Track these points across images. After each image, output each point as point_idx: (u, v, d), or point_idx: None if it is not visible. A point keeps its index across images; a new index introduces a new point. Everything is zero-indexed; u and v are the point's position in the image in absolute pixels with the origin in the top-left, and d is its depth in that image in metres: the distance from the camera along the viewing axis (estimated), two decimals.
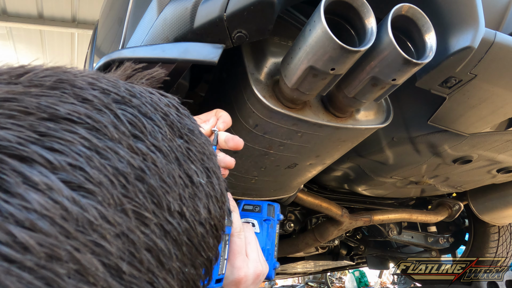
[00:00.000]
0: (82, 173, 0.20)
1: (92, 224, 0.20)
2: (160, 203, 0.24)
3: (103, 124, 0.23)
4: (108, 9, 1.34)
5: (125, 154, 0.23)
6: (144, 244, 0.22)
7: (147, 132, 0.26)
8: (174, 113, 0.30)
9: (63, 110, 0.22)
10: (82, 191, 0.20)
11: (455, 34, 0.78)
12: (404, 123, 1.19)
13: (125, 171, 0.23)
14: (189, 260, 0.26)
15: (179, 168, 0.27)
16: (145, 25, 0.81)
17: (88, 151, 0.21)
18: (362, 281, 7.15)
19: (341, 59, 0.67)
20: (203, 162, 0.30)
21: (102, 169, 0.21)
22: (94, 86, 0.25)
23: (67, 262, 0.18)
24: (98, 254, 0.19)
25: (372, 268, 3.11)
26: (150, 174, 0.24)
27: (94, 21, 5.11)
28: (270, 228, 0.67)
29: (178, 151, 0.27)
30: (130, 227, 0.22)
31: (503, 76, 0.86)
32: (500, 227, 2.25)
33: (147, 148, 0.25)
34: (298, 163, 1.10)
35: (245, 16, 0.68)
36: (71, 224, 0.19)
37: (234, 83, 0.91)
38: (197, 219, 0.27)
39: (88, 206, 0.20)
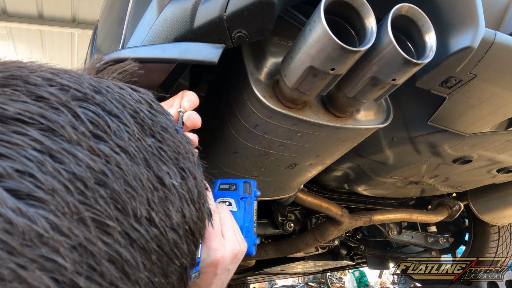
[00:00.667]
0: (31, 180, 0.19)
1: (42, 237, 0.18)
2: (125, 209, 0.22)
3: (59, 125, 0.21)
4: (108, 9, 1.34)
5: (84, 156, 0.21)
6: (105, 255, 0.20)
7: (111, 132, 0.23)
8: (145, 110, 0.28)
9: (12, 109, 0.20)
10: (32, 200, 0.18)
11: (455, 34, 0.78)
12: (404, 123, 1.19)
13: (83, 176, 0.21)
14: (159, 269, 0.24)
15: (147, 170, 0.25)
16: (145, 25, 0.81)
17: (40, 155, 0.19)
18: (362, 281, 7.15)
19: (341, 59, 0.67)
20: (178, 162, 0.28)
21: (55, 174, 0.19)
22: (52, 82, 0.23)
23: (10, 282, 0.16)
24: (49, 270, 0.17)
25: (372, 268, 3.11)
26: (113, 178, 0.22)
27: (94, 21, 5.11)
28: (247, 206, 0.67)
29: (148, 151, 0.25)
30: (89, 237, 0.20)
31: (503, 76, 0.86)
32: (500, 227, 2.25)
33: (110, 149, 0.23)
34: (298, 163, 1.10)
35: (245, 16, 0.68)
36: (16, 238, 0.17)
37: (234, 83, 0.91)
38: (168, 224, 0.25)
39: (37, 216, 0.18)
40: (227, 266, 0.53)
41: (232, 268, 0.55)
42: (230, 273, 0.55)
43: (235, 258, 0.55)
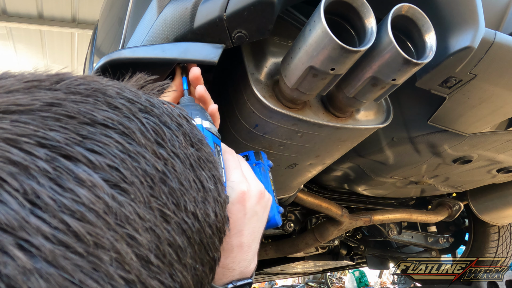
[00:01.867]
0: (117, 173, 0.23)
1: (128, 218, 0.22)
2: (179, 203, 0.26)
3: (132, 130, 0.26)
4: (108, 9, 1.34)
5: (151, 158, 0.26)
6: (166, 239, 0.24)
7: (167, 140, 0.28)
8: (185, 124, 0.33)
9: (99, 116, 0.25)
10: (118, 189, 0.23)
11: (455, 34, 0.78)
12: (404, 123, 1.19)
13: (152, 173, 0.25)
14: (199, 258, 0.28)
15: (193, 173, 0.29)
16: (145, 25, 0.81)
17: (122, 154, 0.24)
18: (362, 281, 7.16)
19: (341, 59, 0.67)
20: (211, 170, 0.33)
21: (133, 170, 0.24)
22: (121, 95, 0.28)
23: (109, 250, 0.20)
24: (132, 245, 0.22)
25: (372, 268, 3.11)
26: (171, 177, 0.26)
27: (94, 21, 5.11)
28: (262, 172, 0.66)
29: (192, 158, 0.30)
30: (156, 223, 0.24)
31: (503, 76, 0.86)
32: (500, 227, 2.25)
33: (167, 154, 0.27)
34: (298, 163, 1.10)
35: (245, 16, 0.68)
36: (111, 217, 0.21)
37: (234, 83, 0.91)
38: (207, 220, 0.29)
39: (124, 202, 0.22)
40: (254, 206, 0.51)
41: (260, 212, 0.52)
42: (259, 219, 0.52)
43: (261, 197, 0.52)
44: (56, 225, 0.19)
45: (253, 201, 0.51)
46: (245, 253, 0.49)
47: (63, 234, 0.19)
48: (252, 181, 0.53)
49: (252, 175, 0.54)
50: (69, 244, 0.19)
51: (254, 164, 0.66)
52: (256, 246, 0.51)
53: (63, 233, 0.19)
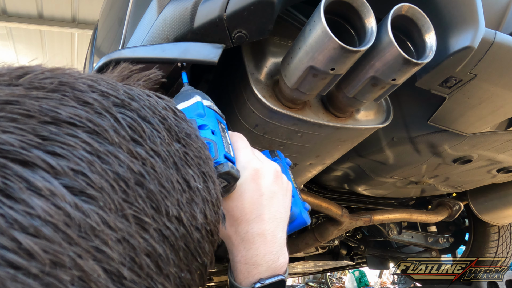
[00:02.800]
0: (84, 178, 0.20)
1: (94, 229, 0.20)
2: (159, 208, 0.24)
3: (103, 128, 0.23)
4: (108, 9, 1.34)
5: (125, 158, 0.23)
6: (144, 249, 0.22)
7: (146, 137, 0.25)
8: (171, 117, 0.30)
9: (64, 113, 0.22)
10: (84, 196, 0.20)
11: (455, 34, 0.78)
12: (404, 123, 1.19)
13: (126, 176, 0.22)
14: (185, 265, 0.26)
15: (177, 173, 0.27)
16: (145, 25, 0.81)
17: (90, 156, 0.21)
18: (362, 281, 7.15)
19: (341, 59, 0.67)
20: (200, 166, 0.30)
21: (103, 174, 0.21)
22: (94, 89, 0.25)
23: (70, 268, 0.18)
24: (100, 260, 0.19)
25: (372, 268, 3.11)
26: (149, 179, 0.24)
27: (94, 21, 5.11)
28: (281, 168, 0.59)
29: (176, 155, 0.27)
30: (131, 232, 0.21)
31: (503, 76, 0.86)
32: (500, 227, 2.25)
33: (146, 152, 0.25)
34: (298, 163, 1.10)
35: (245, 16, 0.68)
36: (74, 230, 0.19)
37: (234, 83, 0.91)
38: (193, 224, 0.27)
39: (90, 211, 0.20)
40: (270, 185, 0.45)
41: (279, 192, 0.46)
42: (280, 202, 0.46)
43: (277, 176, 0.47)
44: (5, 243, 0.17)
45: (269, 180, 0.46)
46: (270, 244, 0.43)
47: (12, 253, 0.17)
48: (265, 161, 0.48)
49: (265, 157, 0.49)
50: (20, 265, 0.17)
51: None
52: (282, 236, 0.45)
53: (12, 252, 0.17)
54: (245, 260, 0.43)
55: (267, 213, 0.44)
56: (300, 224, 0.55)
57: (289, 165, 0.65)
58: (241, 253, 0.43)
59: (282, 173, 0.51)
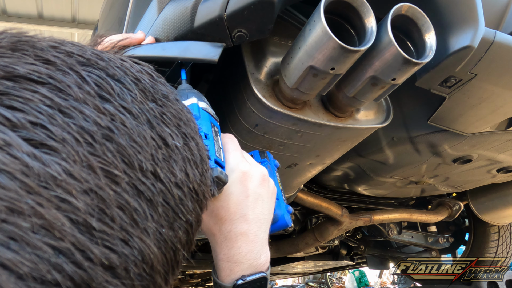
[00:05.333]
0: (43, 131, 0.20)
1: (56, 179, 0.19)
2: (131, 162, 0.23)
3: (66, 84, 0.22)
4: (108, 9, 1.34)
5: (91, 113, 0.22)
6: (115, 201, 0.21)
7: (115, 94, 0.25)
8: (147, 79, 0.29)
9: (22, 70, 0.21)
10: (45, 148, 0.19)
11: (455, 33, 0.78)
12: (404, 123, 1.19)
13: (91, 129, 0.22)
14: (166, 221, 0.25)
15: (151, 129, 0.26)
16: (145, 25, 0.81)
17: (50, 110, 0.21)
18: (362, 281, 7.16)
19: (341, 58, 0.67)
20: (179, 127, 0.29)
21: (65, 126, 0.21)
22: (58, 49, 0.25)
23: (30, 216, 0.17)
24: (64, 209, 0.19)
25: (372, 268, 3.11)
26: (118, 134, 0.23)
27: (94, 21, 5.11)
28: (268, 170, 0.61)
29: (150, 114, 0.27)
30: (99, 184, 0.21)
31: (503, 76, 0.86)
32: (500, 227, 2.25)
33: (115, 109, 0.24)
34: (298, 162, 1.10)
35: (245, 16, 0.68)
36: (33, 179, 0.18)
37: (234, 83, 0.91)
38: (173, 180, 0.26)
39: (51, 161, 0.19)
40: (257, 187, 0.47)
41: (264, 195, 0.48)
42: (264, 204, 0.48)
43: (264, 179, 0.48)
44: None
45: (256, 183, 0.47)
46: (252, 243, 0.45)
47: None
48: (253, 164, 0.49)
49: (254, 161, 0.51)
50: None
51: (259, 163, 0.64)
52: (264, 236, 0.47)
53: None
54: (228, 258, 0.44)
55: (251, 214, 0.45)
56: (281, 225, 0.56)
57: (277, 166, 0.66)
58: (223, 251, 0.45)
59: (270, 175, 0.53)
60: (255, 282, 0.43)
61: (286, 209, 0.59)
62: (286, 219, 0.57)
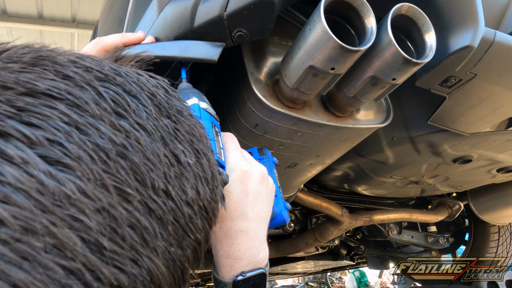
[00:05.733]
0: (60, 148, 0.20)
1: (70, 198, 0.19)
2: (144, 180, 0.23)
3: (83, 100, 0.23)
4: (108, 9, 1.34)
5: (107, 130, 0.23)
6: (126, 220, 0.22)
7: (131, 110, 0.25)
8: (162, 94, 0.29)
9: (42, 85, 0.22)
10: (60, 166, 0.20)
11: (455, 33, 0.78)
12: (404, 123, 1.19)
13: (106, 147, 0.22)
14: (175, 240, 0.25)
15: (164, 147, 0.26)
16: (145, 25, 0.81)
17: (67, 127, 0.21)
18: (362, 281, 7.16)
19: (341, 58, 0.67)
20: (192, 143, 0.29)
21: (81, 144, 0.21)
22: (77, 64, 0.25)
23: (43, 236, 0.18)
24: (76, 229, 0.19)
25: (372, 268, 3.11)
26: (132, 151, 0.23)
27: (94, 21, 5.11)
28: (267, 167, 0.62)
29: (164, 130, 0.27)
30: (112, 202, 0.21)
31: (503, 75, 0.86)
32: (500, 227, 2.25)
33: (130, 125, 0.24)
34: (298, 162, 1.10)
35: (245, 15, 0.68)
36: (47, 198, 0.18)
37: (234, 83, 0.91)
38: (183, 198, 0.26)
39: (66, 180, 0.19)
40: (256, 186, 0.48)
41: (264, 193, 0.49)
42: (264, 201, 0.49)
43: (263, 178, 0.49)
44: None
45: (255, 181, 0.48)
46: (251, 240, 0.46)
47: None
48: (253, 163, 0.50)
49: (253, 160, 0.52)
50: None
51: (258, 160, 0.63)
52: (263, 233, 0.48)
53: None
54: (228, 255, 0.45)
55: (251, 212, 0.46)
56: (279, 221, 0.58)
57: (275, 163, 0.67)
58: (224, 248, 0.46)
59: (268, 172, 0.54)
60: (254, 278, 0.44)
61: (284, 205, 0.60)
62: (284, 215, 0.58)
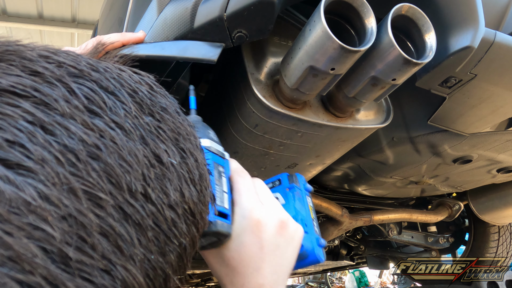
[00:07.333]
0: (21, 150, 0.19)
1: (30, 204, 0.18)
2: (119, 183, 0.22)
3: (52, 98, 0.21)
4: (108, 9, 1.34)
5: (77, 130, 0.21)
6: (97, 227, 0.20)
7: (107, 108, 0.23)
8: (145, 91, 0.28)
9: (5, 82, 0.20)
10: (21, 169, 0.18)
11: (455, 34, 0.78)
12: (404, 123, 1.19)
13: (75, 148, 0.20)
14: (156, 246, 0.24)
15: (144, 146, 0.24)
16: (145, 25, 0.81)
17: (31, 126, 0.19)
18: (362, 281, 7.15)
19: (341, 59, 0.67)
20: (178, 142, 0.28)
21: (46, 145, 0.19)
22: (49, 59, 0.23)
23: None
24: (36, 238, 0.17)
25: (372, 268, 3.11)
26: (106, 152, 0.22)
27: (94, 21, 5.11)
28: (297, 196, 0.55)
29: (145, 129, 0.25)
30: (80, 208, 0.19)
31: (503, 76, 0.86)
32: (500, 227, 2.25)
33: (105, 124, 0.23)
34: (298, 163, 1.10)
35: (245, 16, 0.68)
36: (3, 205, 0.17)
37: (234, 83, 0.91)
38: (165, 202, 0.25)
39: (25, 185, 0.18)
40: (273, 237, 0.41)
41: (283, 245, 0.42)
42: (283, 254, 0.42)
43: (282, 227, 0.43)
44: None
45: (271, 232, 0.42)
46: None
47: None
48: (270, 208, 0.43)
49: (272, 201, 0.45)
50: None
51: (287, 189, 0.56)
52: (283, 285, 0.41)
53: None
54: None
55: (267, 267, 0.41)
56: (311, 261, 0.50)
57: (309, 191, 0.60)
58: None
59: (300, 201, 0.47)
60: None
61: (317, 242, 0.52)
62: (317, 254, 0.50)
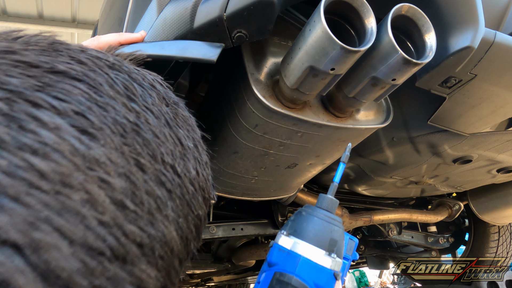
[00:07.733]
0: (85, 120, 0.22)
1: (98, 161, 0.21)
2: (155, 155, 0.25)
3: (98, 82, 0.24)
4: (108, 9, 1.34)
5: (121, 109, 0.24)
6: (143, 187, 0.23)
7: (138, 95, 0.27)
8: (159, 87, 0.32)
9: (62, 66, 0.23)
10: (86, 135, 0.21)
11: (455, 34, 0.78)
12: (404, 123, 1.19)
13: (123, 122, 0.24)
14: (181, 213, 0.27)
15: (169, 129, 0.28)
16: (145, 25, 0.81)
17: (89, 102, 0.23)
18: (362, 281, 7.15)
19: (341, 59, 0.67)
20: (189, 131, 0.31)
21: (102, 118, 0.23)
22: (86, 53, 0.27)
23: (79, 190, 0.19)
24: (104, 188, 0.21)
25: (372, 268, 3.11)
26: (144, 129, 0.25)
27: (94, 21, 5.11)
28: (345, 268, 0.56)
29: (167, 115, 0.29)
30: (131, 169, 0.23)
31: (503, 76, 0.86)
32: (500, 227, 2.25)
33: (139, 107, 0.26)
34: (298, 163, 1.10)
35: (245, 16, 0.68)
36: (79, 159, 0.20)
37: (234, 83, 0.91)
38: (187, 176, 0.28)
39: (93, 145, 0.21)
40: None
41: None
42: None
43: None
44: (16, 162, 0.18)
45: None
46: None
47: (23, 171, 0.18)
48: None
49: None
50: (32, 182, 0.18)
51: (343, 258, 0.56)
52: None
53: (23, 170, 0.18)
54: None
55: None
56: None
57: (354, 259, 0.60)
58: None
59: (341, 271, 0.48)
60: None
61: None
62: None
